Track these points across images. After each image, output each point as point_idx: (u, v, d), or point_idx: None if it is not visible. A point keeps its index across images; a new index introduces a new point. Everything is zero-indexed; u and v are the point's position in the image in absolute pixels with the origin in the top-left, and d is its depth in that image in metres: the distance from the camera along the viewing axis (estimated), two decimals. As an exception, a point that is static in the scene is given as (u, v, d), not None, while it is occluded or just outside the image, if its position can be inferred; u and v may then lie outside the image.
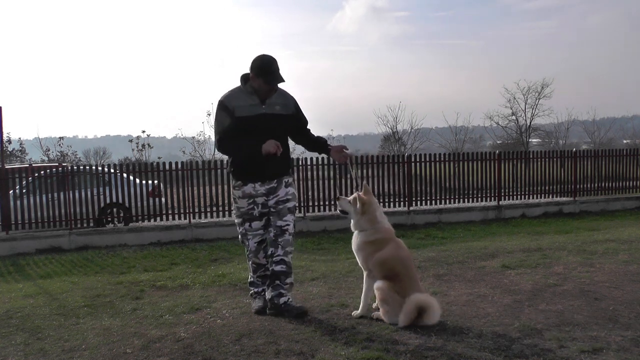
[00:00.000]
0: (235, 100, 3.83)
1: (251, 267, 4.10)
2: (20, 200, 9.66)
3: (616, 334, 3.21)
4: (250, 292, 4.19)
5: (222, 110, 3.85)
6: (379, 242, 3.66)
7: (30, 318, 4.19)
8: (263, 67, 3.75)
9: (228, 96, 3.87)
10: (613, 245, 6.15)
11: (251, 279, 4.15)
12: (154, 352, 3.25)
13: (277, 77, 3.78)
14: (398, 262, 3.61)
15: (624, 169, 12.99)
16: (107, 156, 39.19)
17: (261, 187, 3.89)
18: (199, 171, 10.81)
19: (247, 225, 3.97)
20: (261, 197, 3.90)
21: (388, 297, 3.51)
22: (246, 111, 3.80)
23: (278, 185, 3.93)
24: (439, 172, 11.65)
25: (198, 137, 27.32)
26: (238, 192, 3.94)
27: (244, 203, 3.93)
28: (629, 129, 48.40)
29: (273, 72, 3.76)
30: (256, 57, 3.80)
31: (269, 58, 3.80)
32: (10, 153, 25.73)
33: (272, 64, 3.77)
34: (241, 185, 3.91)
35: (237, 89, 3.90)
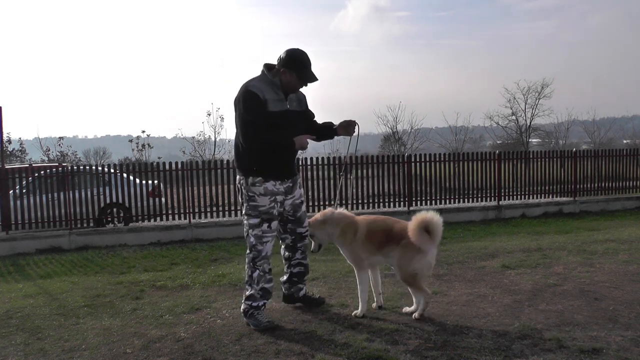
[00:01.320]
0: (265, 92, 3.58)
1: (257, 277, 3.67)
2: (20, 200, 9.66)
3: (616, 334, 3.21)
4: (243, 309, 3.71)
5: (255, 100, 3.54)
6: (349, 227, 3.74)
7: (30, 318, 4.19)
8: (299, 61, 3.58)
9: (258, 87, 3.58)
10: (613, 245, 6.15)
11: (251, 291, 3.68)
12: (154, 352, 3.25)
13: (311, 75, 3.64)
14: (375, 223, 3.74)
15: (624, 169, 12.99)
16: (107, 156, 39.20)
17: (280, 186, 3.71)
18: (199, 171, 10.81)
19: (266, 227, 3.65)
20: (280, 195, 3.72)
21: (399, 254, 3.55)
22: (274, 106, 3.60)
23: (293, 185, 3.83)
24: (439, 172, 11.65)
25: (198, 137, 27.35)
26: (259, 189, 3.64)
27: (265, 201, 3.64)
28: (629, 129, 48.39)
29: (308, 68, 3.62)
30: (292, 50, 3.61)
31: (304, 53, 3.63)
32: (10, 153, 25.73)
33: (307, 60, 3.62)
34: (262, 181, 3.64)
35: (263, 79, 3.65)
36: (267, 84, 3.62)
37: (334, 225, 3.77)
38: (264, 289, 3.69)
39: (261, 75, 3.67)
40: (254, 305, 3.66)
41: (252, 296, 3.68)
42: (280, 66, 3.60)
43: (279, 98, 3.63)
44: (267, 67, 3.67)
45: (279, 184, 3.70)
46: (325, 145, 29.80)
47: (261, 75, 3.67)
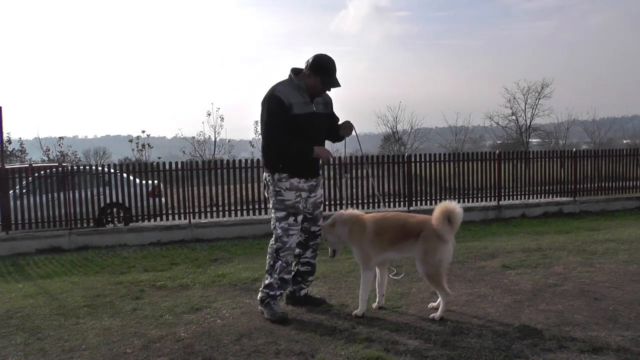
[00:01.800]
0: (291, 96, 3.72)
1: (279, 267, 3.82)
2: (20, 200, 9.67)
3: (616, 334, 3.21)
4: (260, 297, 3.88)
5: (279, 105, 3.69)
6: (357, 226, 3.74)
7: (30, 318, 4.19)
8: (325, 67, 3.69)
9: (284, 92, 3.73)
10: (613, 245, 6.15)
11: (269, 279, 3.84)
12: (154, 352, 3.25)
13: (335, 81, 3.74)
14: (386, 219, 3.76)
15: (624, 169, 13.00)
16: (107, 156, 39.19)
17: (305, 184, 3.85)
18: (199, 171, 10.82)
19: (292, 220, 3.80)
20: (305, 192, 3.87)
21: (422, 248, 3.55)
22: (300, 109, 3.73)
23: (317, 185, 3.96)
24: (439, 172, 11.65)
25: (198, 137, 27.35)
26: (285, 184, 3.78)
27: (291, 195, 3.80)
28: (629, 129, 48.40)
29: (333, 75, 3.73)
30: (319, 56, 3.73)
31: (331, 59, 3.74)
32: (10, 153, 25.73)
33: (333, 66, 3.73)
34: (288, 177, 3.80)
35: (288, 83, 3.79)
36: (293, 87, 3.76)
37: (343, 226, 3.78)
38: (283, 279, 3.84)
39: (288, 80, 3.82)
40: (271, 294, 3.82)
41: (270, 285, 3.83)
42: (306, 70, 3.74)
43: (305, 101, 3.77)
44: (295, 71, 3.82)
45: (303, 181, 3.85)
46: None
47: (288, 80, 3.82)
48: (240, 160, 11.16)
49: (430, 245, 3.54)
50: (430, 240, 3.54)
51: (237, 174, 10.73)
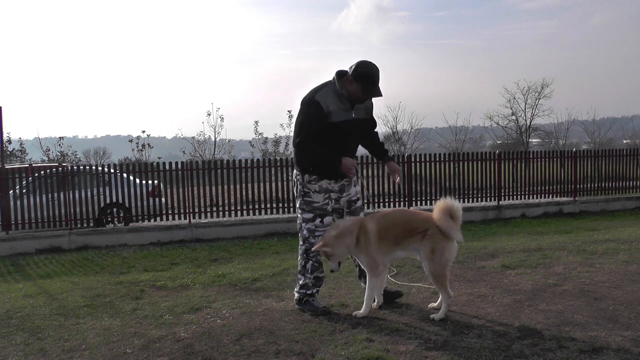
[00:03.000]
0: (331, 103, 3.70)
1: (311, 266, 3.89)
2: (20, 200, 9.67)
3: (616, 334, 3.21)
4: (296, 298, 3.96)
5: (317, 110, 3.68)
6: (361, 232, 3.66)
7: (30, 318, 4.19)
8: (367, 75, 3.64)
9: (324, 97, 3.71)
10: (613, 245, 6.15)
11: (304, 280, 3.91)
12: (154, 352, 3.25)
13: (376, 90, 3.70)
14: (387, 217, 3.72)
15: (624, 169, 12.99)
16: (107, 156, 39.18)
17: (335, 185, 3.87)
18: (199, 171, 10.81)
19: (319, 222, 3.84)
20: (335, 193, 3.89)
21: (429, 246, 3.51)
22: (339, 116, 3.72)
23: (349, 184, 3.96)
24: (439, 172, 11.65)
25: (198, 137, 27.34)
26: (314, 186, 3.84)
27: (319, 197, 3.85)
28: (629, 129, 48.38)
29: (375, 84, 3.67)
30: (363, 63, 3.67)
31: (374, 68, 3.69)
32: (10, 153, 25.73)
33: (376, 75, 3.68)
34: (317, 179, 3.84)
35: (330, 89, 3.75)
36: (335, 94, 3.73)
37: (350, 235, 3.64)
38: (317, 277, 3.92)
39: (331, 85, 3.77)
40: (308, 293, 3.90)
41: (306, 285, 3.92)
42: (349, 76, 3.69)
43: (345, 108, 3.74)
44: (339, 74, 3.76)
45: (333, 182, 3.85)
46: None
47: (331, 85, 3.77)
48: (240, 160, 11.17)
49: (438, 244, 3.51)
50: (437, 239, 3.51)
51: (237, 174, 10.73)
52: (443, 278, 3.54)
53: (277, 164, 11.05)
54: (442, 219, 3.51)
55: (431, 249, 3.53)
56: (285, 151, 24.58)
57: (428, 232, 3.54)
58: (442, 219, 3.51)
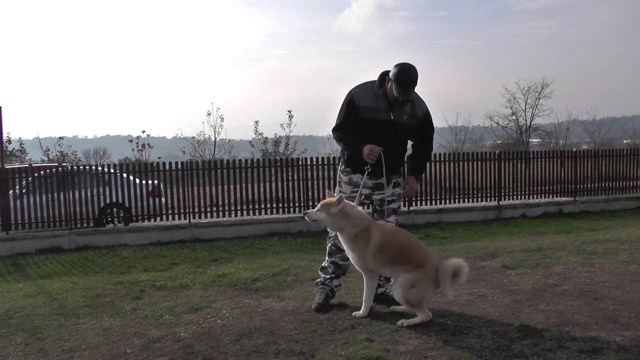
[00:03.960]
0: (365, 99, 3.74)
1: (329, 249, 4.03)
2: (20, 200, 9.66)
3: (616, 334, 3.21)
4: (316, 281, 4.10)
5: (350, 104, 3.78)
6: (363, 233, 3.57)
7: (30, 318, 4.19)
8: (398, 75, 3.61)
9: (360, 92, 3.78)
10: (613, 245, 6.15)
11: (325, 263, 4.07)
12: (154, 352, 3.25)
13: (407, 92, 3.63)
14: (392, 235, 3.60)
15: (624, 169, 12.99)
16: (107, 156, 39.18)
17: (369, 181, 3.86)
18: (199, 171, 10.81)
19: None
20: (367, 189, 3.89)
21: (416, 279, 3.44)
22: (372, 114, 3.72)
23: (387, 184, 3.91)
24: (439, 172, 11.65)
25: (198, 137, 27.34)
26: (345, 177, 3.93)
27: (347, 189, 3.91)
28: (629, 129, 48.42)
29: (403, 85, 3.61)
30: (401, 64, 3.65)
31: (407, 69, 3.62)
32: (10, 153, 25.72)
33: (409, 76, 3.61)
34: (350, 172, 3.89)
35: (370, 85, 3.80)
36: (371, 91, 3.77)
37: (353, 226, 3.57)
38: (336, 263, 4.00)
39: (372, 82, 3.81)
40: (323, 277, 4.02)
41: (324, 268, 4.06)
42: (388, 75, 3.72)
43: (380, 107, 3.74)
44: (382, 74, 3.79)
45: (367, 178, 3.84)
46: (325, 144, 29.86)
47: (372, 82, 3.81)
48: (240, 160, 11.17)
49: (422, 282, 3.45)
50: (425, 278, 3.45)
51: (237, 174, 10.73)
52: (419, 303, 3.48)
53: (277, 164, 11.05)
54: (446, 271, 3.46)
55: (414, 282, 3.44)
56: (285, 151, 24.57)
57: (421, 268, 3.48)
58: (445, 272, 3.46)
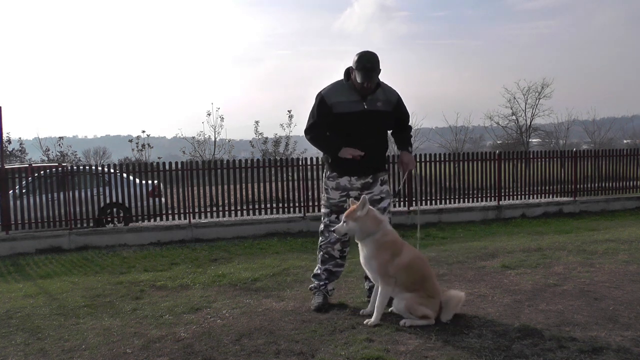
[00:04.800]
0: (335, 96, 3.79)
1: (321, 257, 4.02)
2: (20, 200, 9.66)
3: (616, 334, 3.21)
4: (310, 286, 4.11)
5: (321, 105, 3.82)
6: (392, 244, 3.53)
7: (30, 318, 4.19)
8: (360, 62, 3.67)
9: (329, 91, 3.83)
10: (613, 245, 6.15)
11: (317, 270, 4.06)
12: (154, 352, 3.25)
13: (370, 76, 3.68)
14: (422, 262, 3.58)
15: (624, 169, 12.99)
16: (107, 156, 39.18)
17: (357, 182, 3.88)
18: (199, 171, 10.81)
19: (334, 217, 3.90)
20: (355, 191, 3.88)
21: (424, 302, 3.44)
22: (346, 107, 3.76)
23: (374, 182, 3.92)
24: (439, 172, 11.66)
25: (198, 137, 27.34)
26: (332, 183, 3.92)
27: (336, 195, 3.90)
28: (629, 129, 48.43)
29: (369, 70, 3.66)
30: (360, 51, 3.73)
31: (369, 55, 3.71)
32: (10, 153, 25.73)
33: (370, 61, 3.67)
34: (337, 176, 3.89)
35: (339, 82, 3.86)
36: (340, 87, 3.83)
37: (384, 233, 3.53)
38: (329, 270, 4.02)
39: (339, 80, 3.87)
40: (317, 284, 4.02)
41: (318, 275, 4.05)
42: (351, 66, 3.79)
43: (352, 100, 3.78)
44: (348, 68, 3.84)
45: (355, 179, 3.86)
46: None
47: (339, 80, 3.87)
48: (240, 160, 11.17)
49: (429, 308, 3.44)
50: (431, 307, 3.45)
51: (237, 174, 10.73)
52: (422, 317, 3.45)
53: (277, 164, 11.05)
54: (450, 300, 3.50)
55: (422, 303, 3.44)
56: (285, 151, 24.57)
57: (431, 298, 3.47)
58: (450, 301, 3.50)
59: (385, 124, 3.97)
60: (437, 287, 3.57)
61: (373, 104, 3.82)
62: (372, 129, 3.86)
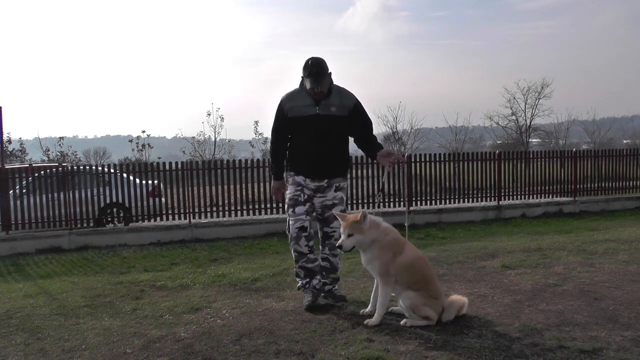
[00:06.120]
0: (291, 100, 3.90)
1: (293, 255, 4.07)
2: (20, 200, 9.67)
3: (616, 334, 3.21)
4: (297, 286, 4.15)
5: (279, 110, 3.96)
6: (394, 243, 3.53)
7: (30, 318, 4.19)
8: (307, 69, 3.79)
9: (286, 97, 3.94)
10: (613, 245, 6.15)
11: (295, 269, 4.12)
12: (154, 352, 3.25)
13: (318, 81, 3.76)
14: (424, 263, 3.58)
15: (624, 169, 13.00)
16: (107, 156, 39.22)
17: (310, 183, 3.97)
18: (199, 171, 10.81)
19: (291, 211, 3.96)
20: (309, 190, 3.99)
21: (428, 302, 3.43)
22: (298, 112, 3.86)
23: (328, 187, 3.98)
24: (439, 172, 11.66)
25: (198, 137, 27.37)
26: (290, 179, 4.04)
27: (292, 189, 3.99)
28: (629, 129, 48.43)
29: (316, 75, 3.76)
30: (307, 59, 3.84)
31: (315, 60, 3.80)
32: (10, 153, 25.74)
33: (316, 67, 3.77)
34: (294, 174, 4.01)
35: (297, 89, 3.96)
36: (297, 93, 3.93)
37: (385, 234, 3.53)
38: (304, 267, 4.02)
39: (298, 87, 3.96)
40: (302, 283, 4.06)
41: (297, 274, 4.10)
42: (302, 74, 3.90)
43: (306, 104, 3.87)
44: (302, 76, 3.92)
45: (309, 181, 3.95)
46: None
47: (298, 87, 3.96)
48: (240, 160, 11.17)
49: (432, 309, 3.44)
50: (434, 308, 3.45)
51: (237, 174, 10.73)
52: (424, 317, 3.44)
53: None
54: (453, 305, 3.51)
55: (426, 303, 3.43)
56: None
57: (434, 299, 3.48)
58: (452, 305, 3.51)
59: (339, 128, 3.95)
60: (439, 289, 3.57)
61: (326, 108, 3.87)
62: (325, 134, 3.91)
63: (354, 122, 3.99)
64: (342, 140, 4.03)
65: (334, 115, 3.88)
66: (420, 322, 3.44)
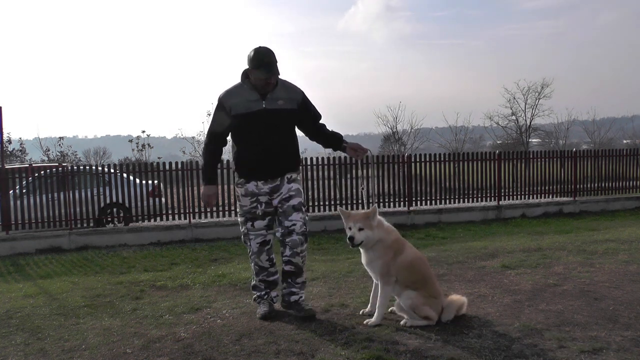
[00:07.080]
0: (232, 97, 3.67)
1: (253, 269, 3.92)
2: (20, 200, 9.67)
3: (616, 334, 3.21)
4: (253, 296, 4.00)
5: (219, 109, 3.73)
6: (396, 243, 3.53)
7: (30, 318, 4.19)
8: (258, 59, 3.56)
9: (226, 94, 3.72)
10: (613, 245, 6.15)
11: (253, 282, 3.97)
12: (154, 352, 3.25)
13: (272, 70, 3.57)
14: (422, 263, 3.58)
15: (624, 169, 13.00)
16: (107, 156, 39.23)
17: (264, 186, 3.73)
18: (199, 171, 10.80)
19: (250, 225, 3.79)
20: (264, 195, 3.74)
21: (428, 302, 3.43)
22: (244, 108, 3.64)
23: (281, 183, 3.75)
24: (439, 172, 11.66)
25: (198, 137, 27.37)
26: (241, 190, 3.78)
27: (246, 201, 3.76)
28: (629, 129, 48.42)
29: (268, 64, 3.56)
30: (252, 49, 3.62)
31: (264, 49, 3.61)
32: (10, 153, 25.73)
33: (267, 56, 3.58)
34: (244, 182, 3.76)
35: (237, 85, 3.74)
36: (239, 88, 3.72)
37: (387, 233, 3.53)
38: (265, 280, 3.93)
39: (238, 83, 3.76)
40: (259, 295, 3.94)
41: (256, 286, 3.98)
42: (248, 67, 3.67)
43: (251, 99, 3.66)
44: (245, 70, 3.72)
45: (262, 183, 3.74)
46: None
47: (238, 83, 3.76)
48: (240, 160, 11.14)
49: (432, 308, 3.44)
50: (434, 308, 3.45)
51: (237, 174, 10.71)
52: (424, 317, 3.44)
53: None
54: (451, 304, 3.51)
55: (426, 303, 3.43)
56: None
57: (433, 298, 3.47)
58: (451, 305, 3.51)
59: (288, 122, 3.79)
60: (438, 289, 3.57)
61: (273, 102, 3.67)
62: (274, 128, 3.69)
63: (304, 116, 3.83)
64: (291, 134, 3.84)
65: (282, 109, 3.69)
66: (421, 322, 3.44)
